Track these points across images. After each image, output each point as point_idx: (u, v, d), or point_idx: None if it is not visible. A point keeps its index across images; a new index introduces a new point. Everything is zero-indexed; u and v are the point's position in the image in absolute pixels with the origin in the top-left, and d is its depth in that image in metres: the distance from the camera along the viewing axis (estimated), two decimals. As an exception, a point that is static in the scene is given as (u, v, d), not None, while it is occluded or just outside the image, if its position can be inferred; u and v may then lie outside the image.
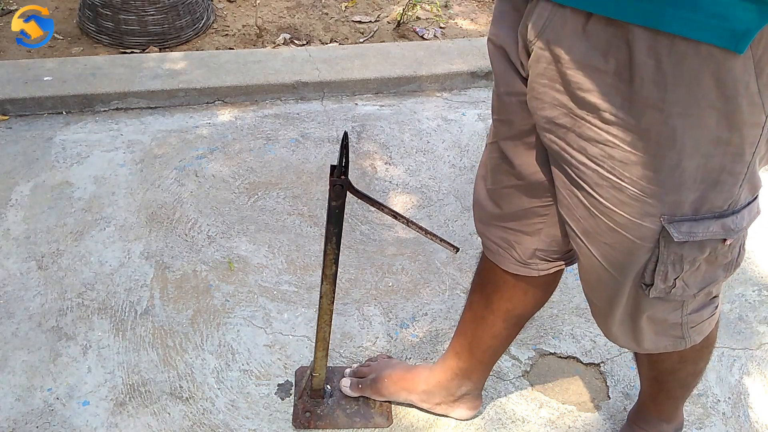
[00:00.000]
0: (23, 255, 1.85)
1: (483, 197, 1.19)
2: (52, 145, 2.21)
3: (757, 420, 1.61)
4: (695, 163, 0.82)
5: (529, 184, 1.08)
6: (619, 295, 1.03)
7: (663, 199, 0.87)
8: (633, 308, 1.06)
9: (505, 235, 1.18)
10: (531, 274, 1.21)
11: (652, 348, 1.14)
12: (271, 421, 1.53)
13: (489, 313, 1.32)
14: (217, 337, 1.69)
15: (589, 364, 1.70)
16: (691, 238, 0.89)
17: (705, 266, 0.97)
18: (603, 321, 1.13)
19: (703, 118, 0.78)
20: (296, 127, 2.37)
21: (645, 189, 0.86)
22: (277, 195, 2.10)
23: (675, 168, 0.83)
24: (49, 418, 1.50)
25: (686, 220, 0.89)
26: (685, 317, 1.08)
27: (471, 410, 1.53)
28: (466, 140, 2.36)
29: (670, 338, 1.12)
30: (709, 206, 0.88)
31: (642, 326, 1.09)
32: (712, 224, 0.89)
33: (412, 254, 1.95)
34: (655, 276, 0.96)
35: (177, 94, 2.41)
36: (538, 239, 1.15)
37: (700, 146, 0.81)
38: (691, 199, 0.87)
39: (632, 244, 0.93)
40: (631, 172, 0.85)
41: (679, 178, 0.84)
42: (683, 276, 0.97)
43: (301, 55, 2.62)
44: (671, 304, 1.04)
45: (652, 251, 0.93)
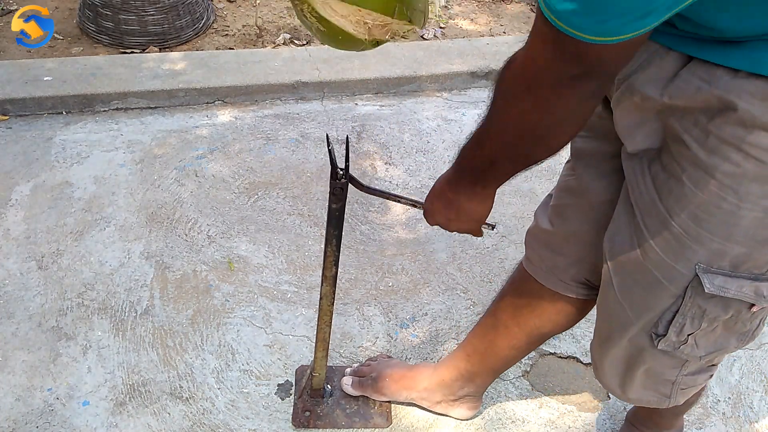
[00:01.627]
0: (23, 255, 1.85)
1: (542, 212, 1.18)
2: (52, 145, 2.21)
3: (757, 420, 1.61)
4: (753, 215, 0.80)
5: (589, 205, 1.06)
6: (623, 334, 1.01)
7: (706, 245, 0.84)
8: (633, 355, 1.03)
9: (551, 252, 1.16)
10: (569, 294, 1.18)
11: (635, 399, 1.12)
12: (271, 421, 1.53)
13: (514, 325, 1.29)
14: (217, 337, 1.69)
15: (589, 364, 1.70)
16: (721, 293, 0.86)
17: (721, 330, 0.94)
18: (598, 351, 1.11)
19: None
20: (296, 127, 2.37)
21: (691, 230, 0.84)
22: (277, 195, 2.10)
23: (731, 214, 0.80)
24: (49, 418, 1.50)
25: (721, 274, 0.86)
26: (680, 377, 1.05)
27: (471, 411, 1.53)
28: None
29: (656, 394, 1.09)
30: (749, 265, 0.85)
31: (635, 376, 1.06)
32: (745, 285, 0.86)
33: (412, 254, 1.95)
34: (670, 327, 0.93)
35: (177, 94, 2.41)
36: (584, 263, 1.13)
37: (764, 198, 0.78)
38: (735, 253, 0.84)
39: (658, 284, 0.91)
40: (683, 209, 0.83)
41: (732, 227, 0.81)
42: (697, 334, 0.94)
43: (301, 55, 2.62)
44: (673, 361, 1.01)
45: (675, 299, 0.91)
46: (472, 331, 1.41)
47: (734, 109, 0.74)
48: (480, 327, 1.39)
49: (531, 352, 1.36)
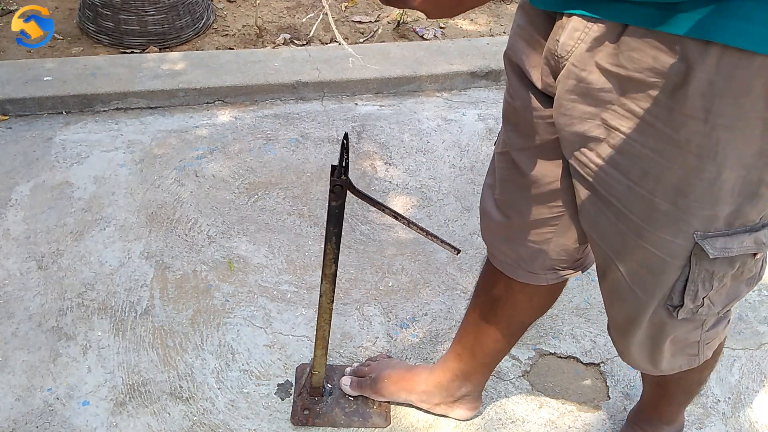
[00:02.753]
0: (23, 255, 1.85)
1: (491, 207, 1.16)
2: (52, 145, 2.21)
3: (757, 420, 1.61)
4: (735, 175, 0.80)
5: (540, 195, 1.05)
6: (642, 316, 1.00)
7: (697, 213, 0.84)
8: (657, 331, 1.03)
9: (513, 245, 1.15)
10: (539, 283, 1.19)
11: (668, 369, 1.11)
12: (271, 421, 1.53)
13: (492, 317, 1.31)
14: (217, 337, 1.69)
15: (589, 364, 1.70)
16: (726, 254, 0.87)
17: (730, 282, 0.94)
18: (621, 340, 1.10)
19: (749, 130, 0.75)
20: (296, 127, 2.37)
21: (679, 203, 0.83)
22: (277, 195, 2.10)
23: (714, 181, 0.80)
24: (49, 418, 1.50)
25: (720, 236, 0.86)
26: (703, 335, 1.05)
27: (470, 411, 1.53)
28: (466, 140, 2.36)
29: (685, 357, 1.10)
30: (742, 220, 0.85)
31: (663, 348, 1.06)
32: (745, 239, 0.87)
33: (412, 254, 1.95)
34: (685, 296, 0.93)
35: (177, 94, 2.41)
36: (548, 249, 1.12)
37: (742, 158, 0.78)
38: (726, 213, 0.84)
39: (662, 262, 0.90)
40: (665, 186, 0.83)
41: (718, 191, 0.81)
42: (710, 294, 0.94)
43: (301, 55, 2.62)
44: (694, 324, 1.02)
45: (681, 270, 0.90)
46: (459, 330, 1.42)
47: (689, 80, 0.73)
48: (464, 325, 1.40)
49: (517, 340, 1.37)
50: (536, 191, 1.05)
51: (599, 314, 1.81)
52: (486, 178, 1.18)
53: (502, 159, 1.09)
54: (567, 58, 0.84)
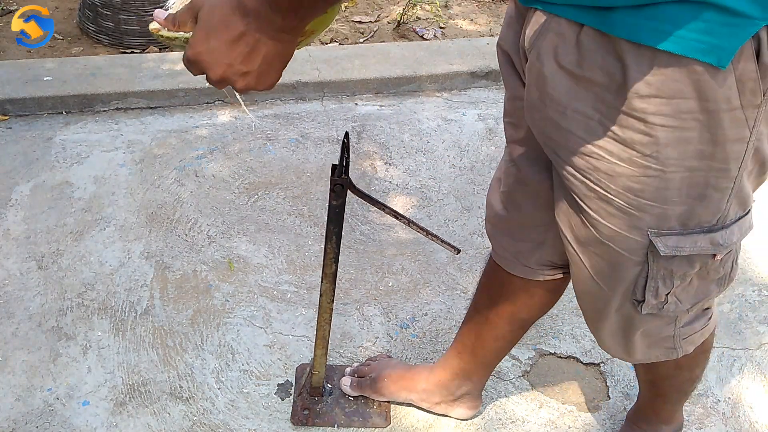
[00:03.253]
0: (23, 255, 1.85)
1: (495, 199, 1.18)
2: (52, 145, 2.21)
3: (757, 420, 1.61)
4: (679, 176, 0.82)
5: (534, 192, 1.08)
6: (608, 308, 1.03)
7: (649, 211, 0.86)
8: (626, 323, 1.05)
9: (512, 240, 1.17)
10: (537, 278, 1.20)
11: (644, 359, 1.14)
12: (271, 421, 1.53)
13: (494, 315, 1.31)
14: (217, 337, 1.69)
15: (589, 364, 1.70)
16: (678, 252, 0.89)
17: (697, 281, 0.96)
18: (594, 330, 1.13)
19: (686, 131, 0.78)
20: (296, 127, 2.37)
21: (631, 201, 0.86)
22: (277, 195, 2.10)
23: (659, 179, 0.82)
24: (49, 418, 1.50)
25: (673, 234, 0.88)
26: (677, 330, 1.07)
27: (471, 410, 1.53)
28: (466, 140, 2.36)
29: (661, 349, 1.11)
30: (696, 221, 0.87)
31: (634, 340, 1.08)
32: (699, 239, 0.88)
33: (412, 254, 1.95)
34: (646, 292, 0.96)
35: (177, 94, 2.41)
36: (545, 246, 1.14)
37: (683, 159, 0.80)
38: (677, 213, 0.86)
39: (620, 256, 0.93)
40: (616, 184, 0.85)
41: (665, 191, 0.83)
42: (675, 291, 0.96)
43: (301, 55, 2.62)
44: (664, 320, 1.04)
45: (641, 266, 0.93)
46: (460, 329, 1.43)
47: (628, 81, 0.76)
48: (465, 323, 1.40)
49: (518, 340, 1.38)
50: (531, 189, 1.08)
51: (599, 314, 1.81)
52: (496, 171, 1.20)
53: (506, 154, 1.12)
54: (530, 51, 0.86)
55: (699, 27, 0.70)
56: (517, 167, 1.08)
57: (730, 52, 0.71)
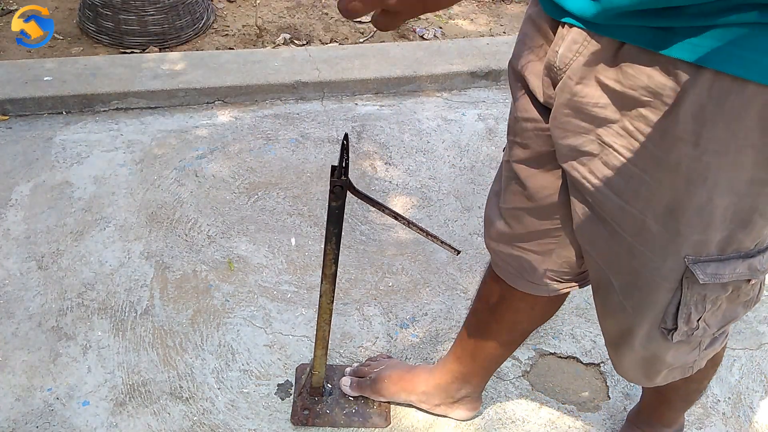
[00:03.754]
0: (23, 255, 1.85)
1: (494, 214, 1.15)
2: (52, 145, 2.21)
3: (757, 420, 1.61)
4: (726, 202, 0.78)
5: (541, 207, 1.05)
6: (633, 333, 0.99)
7: (688, 237, 0.82)
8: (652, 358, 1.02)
9: (515, 254, 1.14)
10: (540, 294, 1.17)
11: (662, 383, 1.11)
12: (271, 421, 1.53)
13: (494, 323, 1.30)
14: (217, 337, 1.69)
15: (589, 364, 1.70)
16: (717, 280, 0.85)
17: (726, 305, 0.93)
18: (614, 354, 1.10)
19: (741, 157, 0.74)
20: (296, 127, 2.37)
21: (670, 226, 0.82)
22: (277, 195, 2.10)
23: (704, 206, 0.79)
24: (49, 418, 1.50)
25: (712, 261, 0.85)
26: (701, 353, 1.05)
27: (470, 411, 1.53)
28: (466, 140, 2.36)
29: (680, 372, 1.09)
30: (736, 246, 0.84)
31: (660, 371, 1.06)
32: (738, 265, 0.85)
33: (412, 254, 1.95)
34: (678, 319, 0.92)
35: (177, 94, 2.41)
36: (550, 261, 1.11)
37: (733, 185, 0.77)
38: (717, 239, 0.83)
39: (653, 282, 0.89)
40: (656, 208, 0.81)
41: (708, 216, 0.80)
42: (705, 316, 0.93)
43: (301, 55, 2.62)
44: (690, 346, 1.01)
45: (673, 293, 0.89)
46: (460, 333, 1.41)
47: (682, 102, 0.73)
48: (465, 328, 1.39)
49: (518, 347, 1.36)
50: (537, 203, 1.05)
51: (599, 314, 1.81)
52: (493, 185, 1.17)
53: (507, 168, 1.09)
54: (564, 70, 0.83)
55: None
56: (523, 185, 1.05)
57: None
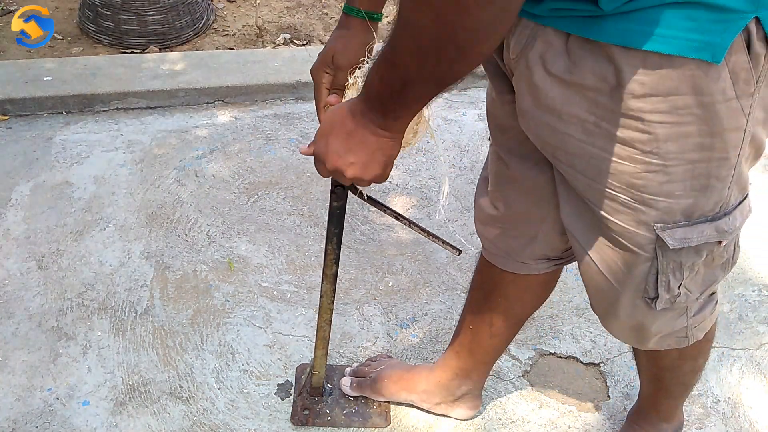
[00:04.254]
0: (23, 255, 1.85)
1: (483, 199, 1.19)
2: (52, 145, 2.21)
3: (757, 420, 1.61)
4: (681, 169, 0.84)
5: (526, 188, 1.09)
6: (618, 304, 1.04)
7: (654, 206, 0.88)
8: (639, 325, 1.07)
9: (503, 236, 1.19)
10: (530, 272, 1.21)
11: (656, 347, 1.15)
12: (271, 421, 1.53)
13: (488, 312, 1.32)
14: (217, 337, 1.69)
15: (589, 364, 1.70)
16: (686, 244, 0.90)
17: (703, 269, 0.98)
18: (604, 321, 1.14)
19: (684, 126, 0.79)
20: (296, 127, 2.37)
21: (635, 197, 0.87)
22: (277, 195, 2.10)
23: (662, 175, 0.84)
24: (49, 418, 1.50)
25: (680, 227, 0.90)
26: (690, 320, 1.08)
27: (471, 410, 1.53)
28: (466, 140, 2.36)
29: (674, 338, 1.13)
30: (700, 211, 0.89)
31: (649, 336, 1.10)
32: (705, 228, 0.90)
33: (412, 254, 1.95)
34: (659, 287, 0.97)
35: (177, 94, 2.41)
36: (537, 241, 1.16)
37: (684, 152, 0.82)
38: (682, 206, 0.88)
39: (630, 252, 0.95)
40: (619, 181, 0.86)
41: (667, 184, 0.85)
42: (685, 282, 0.97)
43: (301, 55, 2.62)
44: (676, 312, 1.05)
45: (651, 261, 0.94)
46: (456, 329, 1.44)
47: (622, 83, 0.77)
48: (461, 322, 1.41)
49: (514, 335, 1.39)
50: (522, 185, 1.09)
51: (599, 314, 1.81)
52: (482, 171, 1.21)
53: (492, 152, 1.13)
54: (517, 60, 0.87)
55: (689, 26, 0.72)
56: (506, 165, 1.09)
57: (723, 48, 0.73)
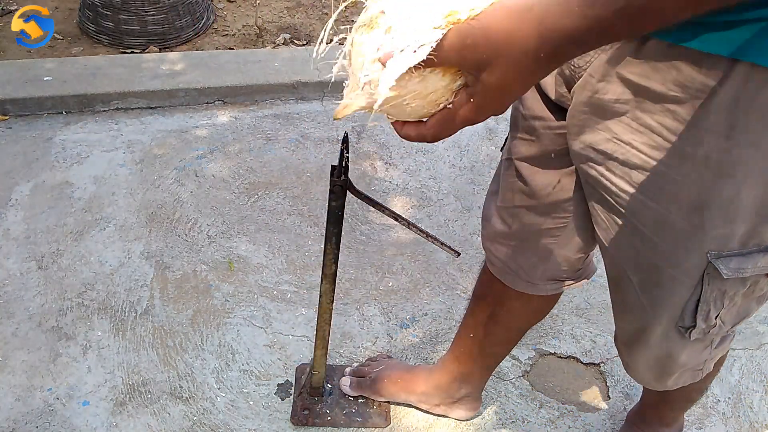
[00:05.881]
0: (23, 255, 1.85)
1: (492, 214, 1.14)
2: (52, 145, 2.21)
3: (757, 420, 1.61)
4: (754, 194, 0.77)
5: (543, 205, 1.04)
6: (649, 331, 0.98)
7: (712, 232, 0.81)
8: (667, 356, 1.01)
9: (513, 255, 1.14)
10: (539, 293, 1.17)
11: (672, 387, 1.11)
12: (271, 421, 1.53)
13: (491, 323, 1.30)
14: (217, 337, 1.69)
15: (589, 364, 1.70)
16: (740, 274, 0.84)
17: (741, 300, 0.92)
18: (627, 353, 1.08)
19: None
20: (296, 127, 2.37)
21: (695, 221, 0.81)
22: (277, 195, 2.10)
23: (732, 200, 0.78)
24: (49, 418, 1.50)
25: (734, 256, 0.84)
26: (711, 352, 1.04)
27: (470, 411, 1.53)
28: (466, 140, 2.36)
29: (691, 374, 1.08)
30: (757, 240, 0.83)
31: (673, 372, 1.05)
32: (760, 259, 0.85)
33: (412, 255, 1.95)
34: (697, 316, 0.91)
35: (177, 94, 2.41)
36: (548, 260, 1.11)
37: (764, 176, 0.76)
38: (741, 233, 0.82)
39: (673, 278, 0.88)
40: (681, 203, 0.80)
41: (734, 211, 0.79)
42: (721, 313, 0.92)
43: (301, 55, 2.62)
44: (704, 344, 1.00)
45: (693, 288, 0.88)
46: (458, 333, 1.42)
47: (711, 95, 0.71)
48: (463, 328, 1.39)
49: (516, 344, 1.37)
50: (539, 201, 1.04)
51: (599, 314, 1.81)
52: (491, 185, 1.16)
53: (507, 166, 1.07)
54: (585, 68, 0.82)
55: None
56: (525, 182, 1.04)
57: None
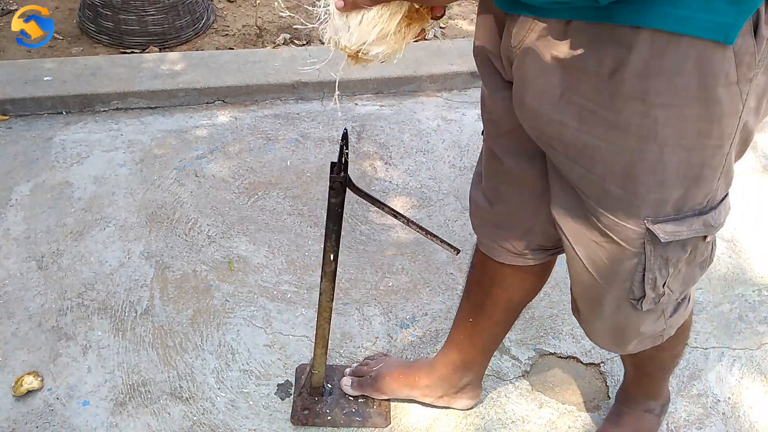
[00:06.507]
0: (23, 255, 1.85)
1: (477, 194, 1.21)
2: (52, 145, 2.21)
3: (757, 420, 1.61)
4: (677, 157, 0.83)
5: (520, 183, 1.10)
6: (602, 304, 1.04)
7: (646, 197, 0.87)
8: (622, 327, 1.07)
9: (498, 230, 1.20)
10: (527, 263, 1.22)
11: (634, 351, 1.16)
12: (271, 421, 1.53)
13: (487, 303, 1.34)
14: (217, 337, 1.69)
15: (589, 364, 1.70)
16: (676, 237, 0.90)
17: (684, 267, 0.98)
18: (585, 325, 1.15)
19: (685, 109, 0.79)
20: (296, 127, 2.37)
21: (628, 187, 0.87)
22: (277, 195, 2.10)
23: (657, 163, 0.84)
24: (49, 418, 1.50)
25: (670, 220, 0.89)
26: (667, 321, 1.09)
27: (472, 400, 1.55)
28: (466, 140, 2.36)
29: (650, 341, 1.14)
30: (690, 204, 0.89)
31: (629, 340, 1.11)
32: (694, 222, 0.90)
33: (412, 254, 1.95)
34: (645, 285, 0.97)
35: (177, 94, 2.41)
36: (531, 233, 1.17)
37: (682, 138, 0.81)
38: (674, 198, 0.87)
39: (617, 247, 0.94)
40: (614, 171, 0.86)
41: (662, 173, 0.85)
42: (668, 281, 0.97)
43: (301, 55, 2.62)
44: (656, 314, 1.05)
45: (638, 257, 0.94)
46: (455, 322, 1.45)
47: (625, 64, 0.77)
48: (459, 315, 1.43)
49: (513, 323, 1.40)
50: (515, 179, 1.10)
51: (599, 314, 1.81)
52: (476, 167, 1.22)
53: (485, 148, 1.14)
54: (518, 47, 0.87)
55: (702, 6, 0.72)
56: (500, 161, 1.10)
57: (737, 29, 0.73)
